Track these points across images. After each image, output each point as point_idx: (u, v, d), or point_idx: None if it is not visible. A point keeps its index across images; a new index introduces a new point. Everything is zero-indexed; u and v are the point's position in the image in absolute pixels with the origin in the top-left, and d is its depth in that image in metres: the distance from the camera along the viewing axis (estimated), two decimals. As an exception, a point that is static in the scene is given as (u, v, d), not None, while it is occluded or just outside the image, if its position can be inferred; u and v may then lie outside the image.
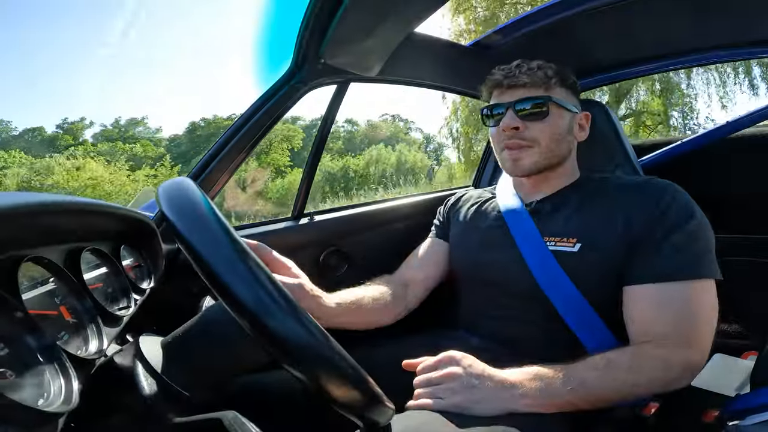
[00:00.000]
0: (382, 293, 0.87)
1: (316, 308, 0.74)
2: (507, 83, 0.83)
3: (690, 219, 0.71)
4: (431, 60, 1.30)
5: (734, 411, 0.58)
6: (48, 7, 67.98)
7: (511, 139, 0.82)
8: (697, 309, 0.68)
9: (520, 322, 0.80)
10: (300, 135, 34.36)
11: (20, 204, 0.37)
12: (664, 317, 0.68)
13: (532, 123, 0.81)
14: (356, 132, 40.44)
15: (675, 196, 0.74)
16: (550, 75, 0.81)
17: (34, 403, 0.33)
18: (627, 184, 0.80)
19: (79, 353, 0.42)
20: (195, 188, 0.46)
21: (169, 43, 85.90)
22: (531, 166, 0.83)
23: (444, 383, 0.62)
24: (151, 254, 0.72)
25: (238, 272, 0.37)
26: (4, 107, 58.03)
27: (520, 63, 0.84)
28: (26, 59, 61.46)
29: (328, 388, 0.39)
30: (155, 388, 0.43)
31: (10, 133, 36.56)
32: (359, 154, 33.00)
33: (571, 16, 1.16)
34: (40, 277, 0.46)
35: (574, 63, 1.49)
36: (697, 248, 0.70)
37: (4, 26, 60.80)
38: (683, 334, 0.67)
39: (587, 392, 0.62)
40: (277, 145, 32.39)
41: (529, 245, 0.81)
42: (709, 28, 1.21)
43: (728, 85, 12.27)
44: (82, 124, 37.67)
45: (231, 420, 0.41)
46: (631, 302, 0.72)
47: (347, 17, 0.87)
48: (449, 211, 1.04)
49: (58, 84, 65.66)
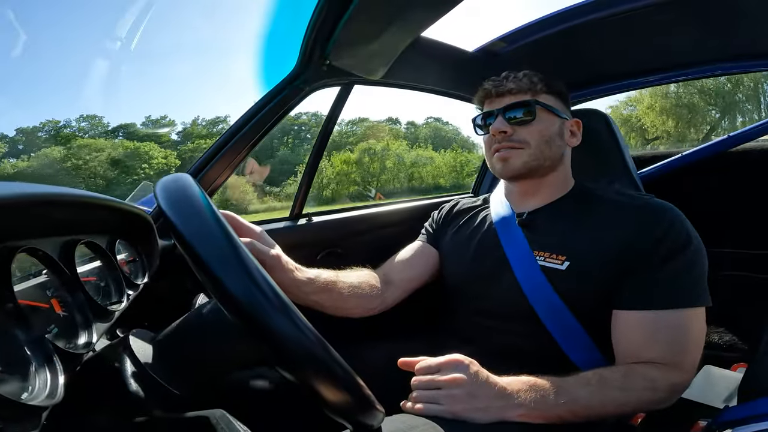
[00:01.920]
0: (361, 283, 0.86)
1: (290, 282, 0.73)
2: (495, 91, 0.85)
3: (687, 246, 0.70)
4: (436, 65, 1.30)
5: (722, 422, 0.57)
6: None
7: (500, 143, 0.84)
8: (688, 335, 0.68)
9: (509, 334, 0.80)
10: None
11: (16, 194, 0.37)
12: (655, 343, 0.68)
13: (521, 127, 0.83)
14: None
15: (673, 221, 0.72)
16: (536, 81, 0.84)
17: (18, 396, 0.32)
18: (624, 204, 0.78)
19: (67, 347, 0.42)
20: (193, 184, 0.45)
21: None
22: (521, 167, 0.83)
23: (446, 389, 0.61)
24: (146, 249, 0.72)
25: (234, 270, 0.37)
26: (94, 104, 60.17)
27: (507, 73, 0.87)
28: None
29: (318, 389, 0.39)
30: (143, 384, 0.43)
31: (104, 128, 39.63)
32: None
33: (576, 26, 1.17)
34: (33, 268, 0.46)
35: (577, 72, 1.50)
36: (692, 276, 0.70)
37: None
38: (674, 358, 0.67)
39: (578, 407, 0.62)
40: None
41: (519, 260, 0.81)
42: (713, 40, 1.22)
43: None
44: (169, 121, 40.78)
45: (218, 418, 0.40)
46: (621, 326, 0.72)
47: (354, 20, 0.87)
48: (443, 219, 1.03)
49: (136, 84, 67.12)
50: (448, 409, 0.59)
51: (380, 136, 37.48)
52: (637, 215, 0.75)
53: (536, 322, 0.76)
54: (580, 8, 1.13)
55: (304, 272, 0.77)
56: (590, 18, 1.13)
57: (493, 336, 0.82)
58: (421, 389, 0.63)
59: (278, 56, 1.11)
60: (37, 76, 70.48)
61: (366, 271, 0.91)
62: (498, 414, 0.60)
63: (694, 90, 26.63)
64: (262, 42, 1.14)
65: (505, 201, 0.92)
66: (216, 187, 1.06)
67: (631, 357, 0.69)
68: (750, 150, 1.43)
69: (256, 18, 68.23)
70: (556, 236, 0.80)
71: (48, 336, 0.39)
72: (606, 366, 0.70)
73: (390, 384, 0.62)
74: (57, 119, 42.13)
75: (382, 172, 33.50)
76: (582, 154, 0.91)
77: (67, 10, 71.85)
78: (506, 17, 70.07)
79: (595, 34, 1.22)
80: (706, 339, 0.70)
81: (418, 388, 0.63)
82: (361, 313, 0.87)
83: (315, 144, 1.26)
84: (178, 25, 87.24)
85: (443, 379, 0.61)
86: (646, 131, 28.42)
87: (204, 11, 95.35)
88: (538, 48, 1.28)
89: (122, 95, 65.33)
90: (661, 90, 26.57)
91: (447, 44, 1.23)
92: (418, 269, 0.96)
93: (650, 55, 1.35)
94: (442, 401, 0.60)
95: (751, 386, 0.64)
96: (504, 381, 0.63)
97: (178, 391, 0.45)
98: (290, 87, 1.03)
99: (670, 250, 0.70)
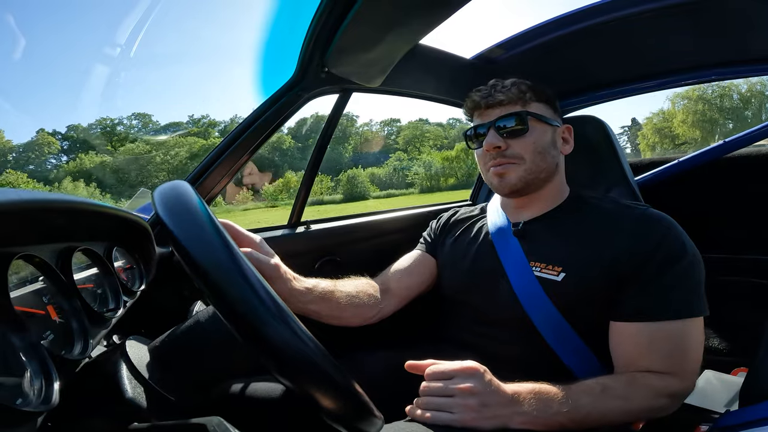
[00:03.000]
0: (359, 293, 0.85)
1: (288, 291, 0.72)
2: (484, 103, 0.84)
3: (682, 257, 0.70)
4: (434, 72, 1.31)
5: (724, 427, 0.57)
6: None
7: (495, 158, 0.83)
8: (686, 345, 0.68)
9: (505, 342, 0.80)
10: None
11: (12, 201, 0.37)
12: (653, 353, 0.67)
13: (514, 140, 0.81)
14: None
15: (668, 232, 0.72)
16: (524, 90, 0.82)
17: (12, 402, 0.32)
18: (619, 214, 0.78)
19: (62, 354, 0.41)
20: (191, 192, 0.45)
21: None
22: (517, 182, 0.82)
23: (460, 397, 0.58)
24: (144, 257, 0.71)
25: (231, 277, 0.37)
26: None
27: (494, 82, 0.85)
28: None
29: (316, 396, 0.38)
30: (139, 391, 0.42)
31: (155, 126, 43.58)
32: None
33: (574, 33, 1.18)
34: (30, 275, 0.46)
35: (575, 78, 1.51)
36: (687, 287, 0.69)
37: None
38: (673, 367, 0.67)
39: (579, 415, 0.61)
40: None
41: (515, 271, 0.80)
42: (710, 45, 1.23)
43: None
44: (211, 120, 44.81)
45: (215, 426, 0.40)
46: (618, 337, 0.71)
47: (352, 28, 0.87)
48: (441, 228, 1.03)
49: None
50: (459, 419, 0.57)
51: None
52: (633, 226, 0.74)
53: (533, 331, 0.76)
54: (577, 15, 1.15)
55: (302, 282, 0.76)
56: (588, 24, 1.14)
57: (490, 344, 0.81)
58: (432, 395, 0.60)
59: (277, 64, 1.12)
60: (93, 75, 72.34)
61: (364, 281, 0.91)
62: (500, 421, 0.59)
63: (715, 109, 41.65)
64: (261, 49, 1.15)
65: (501, 211, 0.92)
66: (214, 194, 1.06)
67: (630, 367, 0.69)
68: (746, 155, 1.43)
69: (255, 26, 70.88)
70: (551, 247, 0.80)
71: (44, 342, 0.39)
72: (603, 373, 0.70)
73: (388, 391, 0.61)
74: (110, 117, 47.40)
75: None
76: (579, 161, 0.91)
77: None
78: (503, 24, 70.76)
79: (593, 40, 1.23)
80: (706, 344, 0.70)
81: (429, 395, 0.60)
82: (358, 322, 0.86)
83: (313, 152, 1.26)
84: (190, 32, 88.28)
85: (458, 388, 0.58)
86: (677, 137, 43.00)
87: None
88: (536, 55, 1.29)
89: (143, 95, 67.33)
90: (690, 109, 42.42)
91: (445, 52, 1.24)
92: (416, 278, 0.96)
93: (647, 61, 1.36)
94: (454, 410, 0.58)
95: (752, 390, 0.64)
96: (510, 389, 0.61)
97: (174, 398, 0.44)
98: (289, 94, 1.03)
99: (665, 262, 0.69)
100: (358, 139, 72.13)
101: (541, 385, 0.63)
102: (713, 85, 38.20)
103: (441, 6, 0.88)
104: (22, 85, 77.92)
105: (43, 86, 73.56)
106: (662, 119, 46.08)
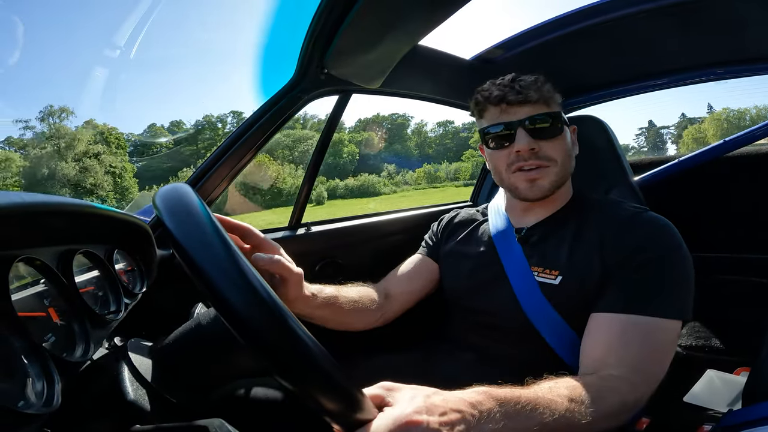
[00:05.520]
0: (361, 298, 0.85)
1: (296, 297, 0.70)
2: (515, 99, 0.77)
3: (667, 256, 0.69)
4: (433, 73, 1.31)
5: (727, 426, 0.57)
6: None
7: (527, 161, 0.78)
8: (658, 346, 0.65)
9: (507, 345, 0.80)
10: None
11: (14, 204, 0.37)
12: (620, 348, 0.64)
13: (546, 142, 0.78)
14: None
15: (662, 232, 0.72)
16: (549, 88, 0.80)
17: (14, 404, 0.32)
18: (617, 216, 0.77)
19: (64, 356, 0.41)
20: (192, 194, 0.45)
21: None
22: (549, 186, 0.79)
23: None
24: (145, 259, 0.71)
25: (232, 279, 0.37)
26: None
27: (516, 77, 0.81)
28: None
29: (318, 398, 0.38)
30: (141, 393, 0.42)
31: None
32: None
33: (573, 33, 1.18)
34: (31, 277, 0.46)
35: (574, 78, 1.51)
36: (671, 289, 0.67)
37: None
38: (636, 366, 0.63)
39: (553, 422, 0.52)
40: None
41: (517, 275, 0.80)
42: (705, 46, 1.23)
43: None
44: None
45: (217, 427, 0.40)
46: (591, 328, 0.69)
47: (352, 30, 0.88)
48: (442, 231, 1.03)
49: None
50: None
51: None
52: (627, 224, 0.74)
53: (534, 333, 0.76)
54: (575, 15, 1.15)
55: (308, 287, 0.76)
56: (586, 25, 1.15)
57: (491, 346, 0.81)
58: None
59: (276, 65, 1.12)
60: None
61: (366, 286, 0.91)
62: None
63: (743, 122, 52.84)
64: (261, 51, 1.15)
65: (504, 214, 0.91)
66: (215, 196, 1.06)
67: (595, 360, 0.66)
68: (746, 154, 1.43)
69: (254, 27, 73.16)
70: (551, 251, 0.80)
71: (45, 345, 0.39)
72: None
73: None
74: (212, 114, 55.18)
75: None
76: (579, 161, 0.91)
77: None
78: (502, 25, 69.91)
79: (592, 41, 1.24)
80: (708, 343, 0.69)
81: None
82: (362, 327, 0.87)
83: (314, 153, 1.26)
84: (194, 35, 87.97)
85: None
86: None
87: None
88: (535, 55, 1.29)
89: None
90: (718, 122, 57.73)
91: (444, 52, 1.24)
92: (418, 283, 0.96)
93: (646, 61, 1.37)
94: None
95: (755, 389, 0.64)
96: (474, 400, 0.50)
97: (176, 400, 0.44)
98: (288, 96, 1.03)
99: (652, 260, 0.69)
100: (417, 138, 75.09)
101: (505, 393, 0.52)
102: (733, 110, 57.36)
103: (440, 7, 0.88)
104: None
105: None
106: (696, 130, 64.17)
